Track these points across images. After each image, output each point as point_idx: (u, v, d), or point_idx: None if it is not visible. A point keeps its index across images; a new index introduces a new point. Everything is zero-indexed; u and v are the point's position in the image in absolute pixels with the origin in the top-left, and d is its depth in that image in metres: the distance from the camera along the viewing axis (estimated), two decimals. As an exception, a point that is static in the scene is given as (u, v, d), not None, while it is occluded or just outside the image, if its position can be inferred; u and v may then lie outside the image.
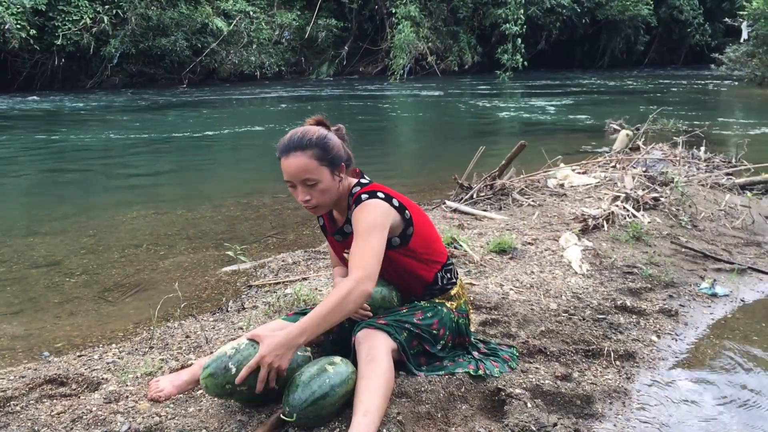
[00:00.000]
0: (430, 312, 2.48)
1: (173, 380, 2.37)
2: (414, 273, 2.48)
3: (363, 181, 2.45)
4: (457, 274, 2.67)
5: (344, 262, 2.56)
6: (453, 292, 2.59)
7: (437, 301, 2.55)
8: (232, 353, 2.09)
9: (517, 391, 2.44)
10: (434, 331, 2.47)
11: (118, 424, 2.12)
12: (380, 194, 2.36)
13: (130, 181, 8.39)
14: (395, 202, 2.38)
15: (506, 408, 2.34)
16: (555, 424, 2.24)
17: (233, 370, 2.05)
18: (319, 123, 2.43)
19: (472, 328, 2.82)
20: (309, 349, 2.34)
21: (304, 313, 2.41)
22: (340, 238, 2.52)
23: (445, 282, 2.56)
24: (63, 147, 11.01)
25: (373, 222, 2.27)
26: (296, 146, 2.30)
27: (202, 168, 9.42)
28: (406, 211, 2.41)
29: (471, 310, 2.86)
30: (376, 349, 2.25)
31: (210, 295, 4.02)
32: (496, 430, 2.21)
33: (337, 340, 2.48)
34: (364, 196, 2.34)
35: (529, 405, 2.35)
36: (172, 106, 17.33)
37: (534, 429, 2.20)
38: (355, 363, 2.26)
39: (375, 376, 2.15)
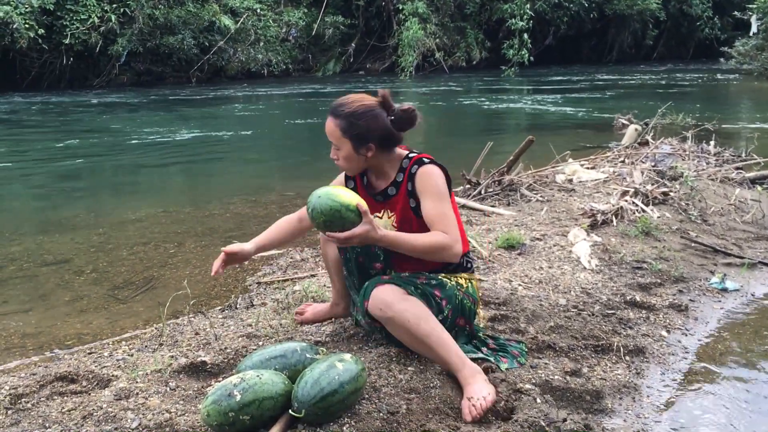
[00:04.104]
0: (434, 281, 2.51)
1: (314, 310, 2.94)
2: None
3: (412, 152, 2.58)
4: (473, 266, 2.71)
5: None
6: (464, 275, 2.61)
7: (442, 275, 2.56)
8: (238, 382, 2.05)
9: (527, 386, 2.44)
10: (437, 299, 2.48)
11: (129, 420, 2.13)
12: (438, 163, 2.51)
13: (138, 179, 8.42)
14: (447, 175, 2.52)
15: (516, 404, 2.34)
16: (564, 420, 2.24)
17: (237, 397, 2.00)
18: (382, 97, 2.49)
19: (481, 324, 2.82)
20: (322, 350, 2.35)
21: None
22: (381, 198, 2.58)
23: (459, 270, 2.60)
24: (71, 145, 11.06)
25: (443, 187, 2.44)
26: (332, 111, 2.46)
27: (210, 166, 9.44)
28: (449, 188, 2.52)
29: (481, 306, 2.86)
30: (391, 301, 2.33)
31: (219, 293, 4.04)
32: (505, 426, 2.21)
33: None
34: (426, 159, 2.50)
35: (538, 401, 2.35)
36: (180, 105, 17.36)
37: (544, 425, 2.20)
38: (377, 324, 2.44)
39: (417, 332, 2.32)
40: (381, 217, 2.56)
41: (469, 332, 2.67)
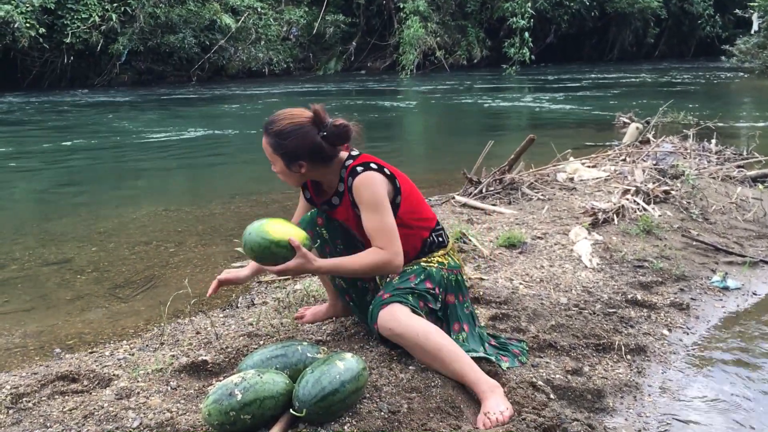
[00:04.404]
0: (422, 275, 2.53)
1: (313, 311, 2.95)
2: (404, 241, 2.50)
3: (353, 153, 2.54)
4: (447, 237, 2.71)
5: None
6: (440, 253, 2.63)
7: (423, 262, 2.58)
8: (239, 381, 2.05)
9: (538, 384, 2.43)
10: (431, 291, 2.51)
11: (130, 420, 2.13)
12: (373, 165, 2.46)
13: (139, 179, 8.42)
14: (387, 171, 2.48)
15: (521, 403, 2.33)
16: (574, 420, 2.23)
17: (239, 396, 2.00)
18: (314, 112, 2.46)
19: (482, 322, 2.82)
20: (323, 349, 2.35)
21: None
22: (327, 208, 2.62)
23: (434, 247, 2.62)
24: (72, 145, 11.05)
25: (379, 197, 2.41)
26: (264, 128, 2.48)
27: (211, 165, 9.44)
28: (396, 180, 2.50)
29: (463, 266, 2.85)
30: (398, 321, 2.35)
31: (220, 292, 4.01)
32: (509, 426, 2.20)
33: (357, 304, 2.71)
34: (359, 168, 2.45)
35: (545, 400, 2.35)
36: (181, 104, 17.36)
37: (549, 424, 2.19)
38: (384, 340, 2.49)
39: (427, 347, 2.34)
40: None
41: (469, 311, 2.68)
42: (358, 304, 2.72)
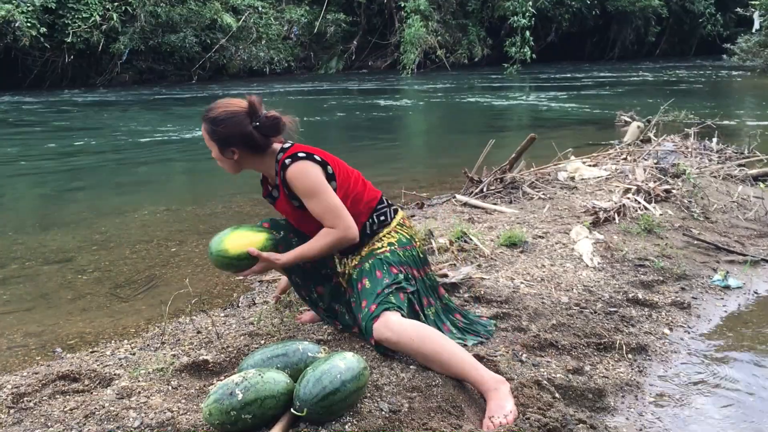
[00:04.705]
0: (384, 266, 2.57)
1: (312, 312, 2.95)
2: None
3: (285, 146, 2.60)
4: (394, 213, 2.73)
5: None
6: (385, 232, 2.66)
7: (377, 251, 2.61)
8: (240, 381, 2.05)
9: (543, 383, 2.43)
10: (401, 275, 2.56)
11: (131, 419, 2.13)
12: (301, 154, 2.52)
13: (140, 178, 8.42)
14: (317, 158, 2.54)
15: (525, 402, 2.33)
16: (580, 421, 2.23)
17: (239, 396, 2.00)
18: (249, 103, 2.57)
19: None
20: (324, 348, 2.35)
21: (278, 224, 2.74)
22: (271, 200, 2.72)
23: (375, 228, 2.66)
24: (73, 144, 11.06)
25: (314, 182, 2.49)
26: (202, 115, 2.61)
27: (212, 164, 9.39)
28: (328, 166, 2.55)
29: (419, 238, 2.86)
30: (392, 330, 2.38)
31: (221, 291, 4.03)
32: (511, 426, 2.20)
33: (330, 314, 2.79)
34: (287, 161, 2.52)
35: (549, 399, 2.34)
36: (182, 103, 17.36)
37: (551, 423, 2.19)
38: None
39: (424, 351, 2.36)
40: None
41: (430, 284, 2.74)
42: (330, 315, 2.82)
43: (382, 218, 2.68)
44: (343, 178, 2.59)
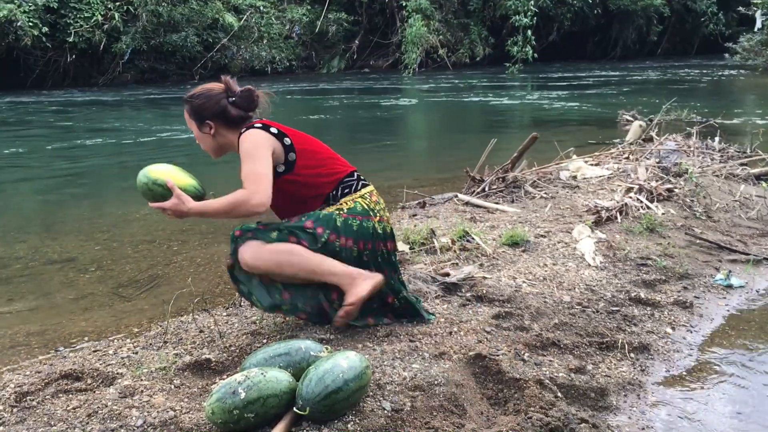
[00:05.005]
0: (305, 217, 2.65)
1: None
2: (304, 199, 2.68)
3: (253, 124, 2.70)
4: (361, 187, 2.77)
5: None
6: (345, 199, 2.71)
7: (319, 210, 2.69)
8: (242, 380, 2.05)
9: (545, 382, 2.43)
10: (309, 230, 2.60)
11: (133, 418, 2.13)
12: (257, 125, 2.65)
13: (142, 177, 8.41)
14: (273, 129, 2.64)
15: (526, 401, 2.33)
16: (582, 421, 2.23)
17: (242, 395, 2.00)
18: (225, 82, 2.80)
19: (484, 322, 2.83)
20: (327, 347, 2.35)
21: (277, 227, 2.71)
22: None
23: (338, 197, 2.72)
24: (75, 144, 11.08)
25: (251, 147, 2.59)
26: (183, 99, 2.79)
27: (213, 163, 9.40)
28: (286, 138, 2.64)
29: (384, 214, 2.82)
30: (252, 256, 2.56)
31: (223, 290, 4.04)
32: (514, 423, 2.20)
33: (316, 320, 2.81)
34: (243, 130, 2.66)
35: (551, 398, 2.34)
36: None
37: (553, 422, 2.19)
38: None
39: (289, 266, 2.54)
40: None
41: (390, 260, 2.77)
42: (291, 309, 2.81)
43: (347, 190, 2.74)
44: (305, 150, 2.68)
